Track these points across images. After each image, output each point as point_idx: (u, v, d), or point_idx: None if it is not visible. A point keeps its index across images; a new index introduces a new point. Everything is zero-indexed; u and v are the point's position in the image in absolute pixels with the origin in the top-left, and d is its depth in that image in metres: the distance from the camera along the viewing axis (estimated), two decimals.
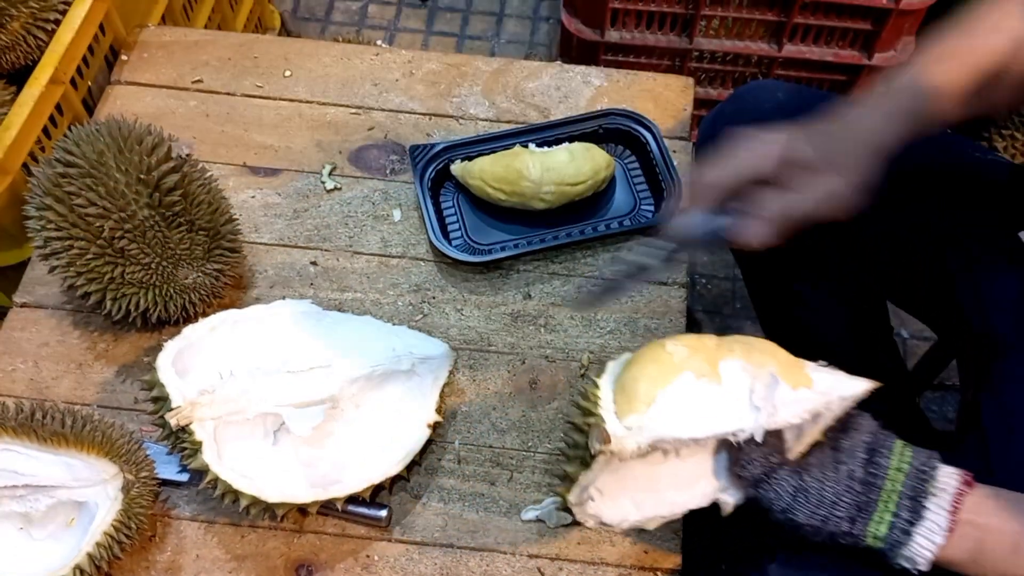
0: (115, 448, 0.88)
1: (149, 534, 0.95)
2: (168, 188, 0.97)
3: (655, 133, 1.17)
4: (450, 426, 1.01)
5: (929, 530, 0.73)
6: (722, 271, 1.68)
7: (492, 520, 0.96)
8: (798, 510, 0.76)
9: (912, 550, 0.73)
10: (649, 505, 0.82)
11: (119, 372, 1.04)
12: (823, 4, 1.49)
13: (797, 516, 0.76)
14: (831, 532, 0.75)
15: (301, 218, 1.15)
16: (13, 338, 1.07)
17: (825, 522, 0.75)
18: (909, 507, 0.74)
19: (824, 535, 0.76)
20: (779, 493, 0.76)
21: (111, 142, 0.96)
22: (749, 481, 0.77)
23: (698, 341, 0.79)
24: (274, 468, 0.90)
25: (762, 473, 0.76)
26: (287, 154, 1.20)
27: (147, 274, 0.96)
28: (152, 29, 1.31)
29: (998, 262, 0.97)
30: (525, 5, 2.07)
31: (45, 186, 0.96)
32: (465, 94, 1.26)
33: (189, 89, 1.25)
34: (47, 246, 0.97)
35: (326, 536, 0.95)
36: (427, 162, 1.14)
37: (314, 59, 1.29)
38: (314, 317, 1.00)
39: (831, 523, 0.75)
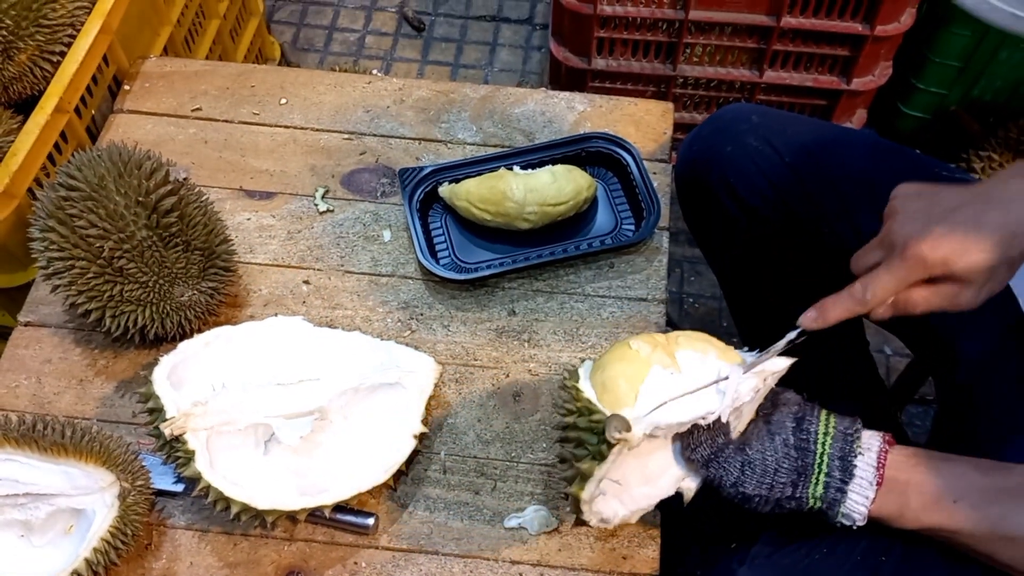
0: (112, 458, 0.92)
1: (145, 542, 0.98)
2: (165, 210, 1.01)
3: (635, 155, 1.21)
4: (436, 437, 1.05)
5: (860, 486, 0.79)
6: (709, 290, 1.72)
7: (476, 528, 0.99)
8: (746, 482, 0.81)
9: (848, 506, 0.80)
10: (628, 500, 0.87)
11: (118, 387, 1.08)
12: (802, 32, 1.54)
13: (747, 488, 0.81)
14: (777, 499, 0.81)
15: (295, 239, 1.20)
16: (17, 355, 1.11)
17: (771, 489, 0.81)
18: (840, 467, 0.80)
19: (772, 503, 0.82)
20: (728, 469, 0.82)
21: (111, 167, 1.01)
22: (700, 463, 0.83)
23: (651, 338, 0.86)
24: (264, 477, 0.93)
25: (710, 453, 0.83)
26: (282, 178, 1.25)
27: (145, 292, 1.01)
28: (154, 60, 1.37)
29: None
30: (517, 35, 2.13)
31: (48, 209, 1.01)
32: (453, 120, 1.31)
33: (188, 117, 1.31)
34: (50, 266, 1.01)
35: (315, 544, 0.98)
36: (416, 184, 1.18)
37: (309, 87, 1.34)
38: (305, 333, 1.04)
39: (776, 489, 0.81)
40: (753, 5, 1.50)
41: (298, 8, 2.19)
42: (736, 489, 0.83)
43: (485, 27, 2.14)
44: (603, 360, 0.85)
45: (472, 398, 1.08)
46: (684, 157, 1.19)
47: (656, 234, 1.19)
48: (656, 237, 1.20)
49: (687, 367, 0.84)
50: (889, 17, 1.49)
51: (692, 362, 0.84)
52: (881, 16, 1.48)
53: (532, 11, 2.17)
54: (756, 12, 1.51)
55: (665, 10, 1.52)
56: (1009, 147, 1.61)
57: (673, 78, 1.63)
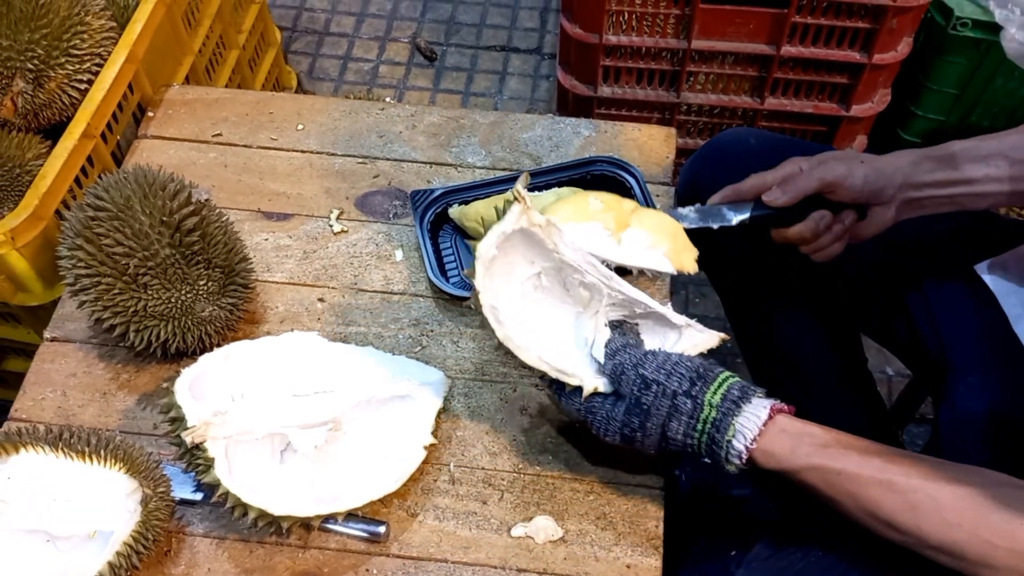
0: (135, 465, 0.95)
1: (164, 549, 1.02)
2: (188, 229, 1.06)
3: (638, 178, 1.26)
4: (445, 449, 1.08)
5: (755, 410, 0.84)
6: (713, 311, 1.75)
7: (484, 537, 1.03)
8: (647, 364, 0.88)
9: (740, 424, 0.83)
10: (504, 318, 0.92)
11: (140, 400, 1.12)
12: (802, 60, 1.59)
13: (646, 370, 0.88)
14: (674, 391, 0.86)
15: (310, 258, 1.24)
16: (43, 369, 1.15)
17: (669, 377, 0.86)
18: (739, 388, 0.86)
19: (668, 395, 0.86)
20: (631, 354, 0.90)
21: (137, 188, 1.06)
22: (610, 353, 0.91)
23: (617, 202, 0.95)
24: (280, 484, 0.97)
25: (620, 345, 0.92)
26: (298, 200, 1.30)
27: (167, 307, 1.05)
28: (176, 88, 1.43)
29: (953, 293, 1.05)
30: (526, 64, 2.19)
31: (76, 228, 1.06)
32: (463, 144, 1.35)
33: (209, 142, 1.36)
34: (77, 283, 1.06)
35: (328, 551, 1.02)
36: (427, 206, 1.23)
37: (325, 114, 1.39)
38: (320, 347, 1.08)
39: (674, 379, 0.87)
40: (754, 35, 1.55)
41: (314, 39, 2.26)
42: (636, 370, 0.88)
43: (495, 57, 2.21)
44: (560, 199, 0.96)
45: (480, 411, 1.11)
46: (684, 178, 1.23)
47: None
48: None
49: (628, 243, 0.91)
50: (886, 46, 1.54)
51: (636, 243, 0.91)
52: (879, 45, 1.52)
53: (541, 41, 2.23)
54: (757, 41, 1.56)
55: (669, 40, 1.57)
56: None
57: (677, 105, 1.68)
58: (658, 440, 0.89)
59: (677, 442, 0.88)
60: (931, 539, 0.78)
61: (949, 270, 1.09)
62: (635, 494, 1.05)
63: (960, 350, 1.02)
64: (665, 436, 0.88)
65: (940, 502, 0.78)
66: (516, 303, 0.94)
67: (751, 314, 1.32)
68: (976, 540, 0.76)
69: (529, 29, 2.26)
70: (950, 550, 0.77)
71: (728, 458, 0.86)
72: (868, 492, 0.80)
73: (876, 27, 1.49)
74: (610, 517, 1.04)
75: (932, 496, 0.78)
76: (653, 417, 0.88)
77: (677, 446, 0.89)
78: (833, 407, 1.24)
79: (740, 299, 1.31)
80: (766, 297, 1.25)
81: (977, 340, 1.02)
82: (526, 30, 2.26)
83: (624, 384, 0.89)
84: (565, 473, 1.07)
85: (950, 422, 0.98)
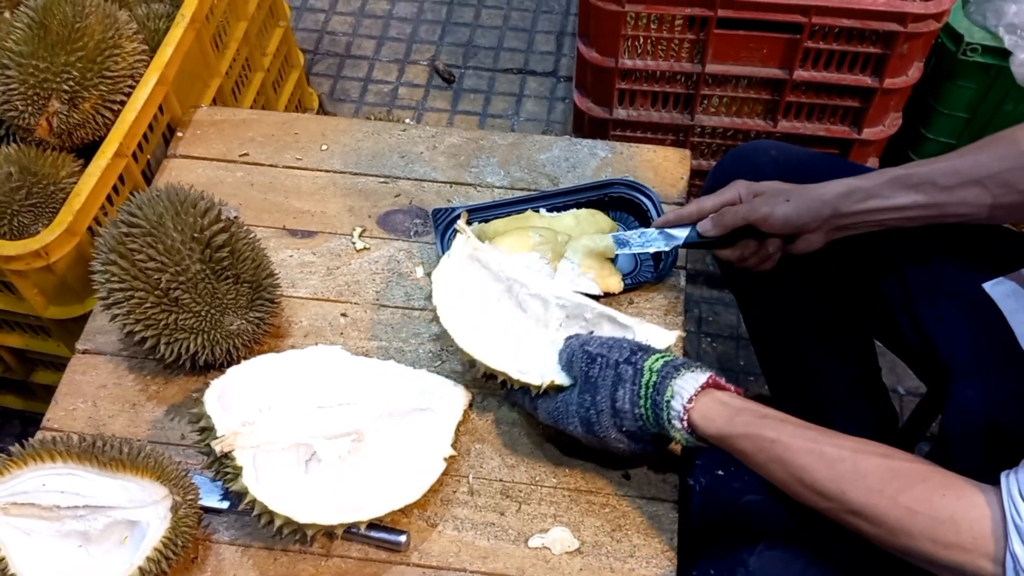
0: (166, 473, 0.99)
1: (192, 556, 1.05)
2: (218, 246, 1.10)
3: (654, 201, 1.29)
4: (464, 461, 1.11)
5: (693, 375, 0.92)
6: (726, 330, 1.78)
7: (502, 547, 1.05)
8: (591, 343, 1.01)
9: (679, 384, 0.91)
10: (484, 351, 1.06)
11: (168, 411, 1.16)
12: (814, 84, 1.62)
13: (591, 347, 1.00)
14: (616, 360, 0.97)
15: (333, 275, 1.28)
16: (75, 381, 1.19)
17: (610, 350, 0.99)
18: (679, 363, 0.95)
19: (612, 365, 0.97)
20: (578, 337, 1.03)
21: (169, 206, 1.10)
22: (564, 344, 1.04)
23: (553, 235, 1.16)
24: (305, 493, 1.00)
25: (572, 336, 1.05)
26: (322, 218, 1.33)
27: (197, 321, 1.09)
28: (204, 109, 1.47)
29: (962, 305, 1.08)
30: (543, 87, 2.23)
31: (110, 244, 1.10)
32: (483, 165, 1.39)
33: (236, 161, 1.40)
34: (110, 296, 1.10)
35: (350, 559, 1.04)
36: (447, 224, 1.26)
37: (348, 134, 1.43)
38: (343, 361, 1.11)
39: (615, 351, 0.98)
40: (767, 59, 1.58)
41: (336, 61, 2.31)
42: (583, 349, 1.00)
43: (512, 79, 2.25)
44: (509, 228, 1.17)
45: (498, 425, 1.14)
46: (708, 184, 1.28)
47: (674, 273, 1.26)
48: (674, 276, 1.26)
49: (562, 271, 1.15)
50: (897, 71, 1.57)
51: (569, 271, 1.15)
52: (889, 70, 1.55)
53: (557, 64, 2.27)
54: (769, 66, 1.59)
55: (683, 64, 1.61)
56: None
57: (691, 127, 1.71)
58: (610, 416, 0.96)
59: (626, 413, 0.95)
60: (853, 504, 0.82)
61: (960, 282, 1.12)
62: (649, 506, 1.07)
63: (964, 356, 1.05)
64: (615, 409, 0.95)
65: (865, 471, 0.83)
66: (477, 320, 1.08)
67: (770, 322, 1.35)
68: (896, 507, 0.80)
69: (545, 52, 2.30)
70: (870, 515, 0.81)
71: (671, 421, 0.92)
72: (798, 459, 0.85)
73: (887, 52, 1.52)
74: (625, 529, 1.06)
75: (858, 465, 0.83)
76: (601, 389, 0.96)
77: (628, 420, 0.96)
78: (848, 415, 1.27)
79: (760, 307, 1.35)
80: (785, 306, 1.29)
81: (981, 348, 1.05)
82: (542, 53, 2.30)
83: (575, 364, 1.00)
84: (581, 486, 1.09)
85: (952, 426, 1.01)
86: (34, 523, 0.98)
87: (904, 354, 1.24)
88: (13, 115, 1.30)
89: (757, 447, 0.88)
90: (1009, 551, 0.75)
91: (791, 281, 1.26)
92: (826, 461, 0.84)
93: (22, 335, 1.46)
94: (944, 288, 1.13)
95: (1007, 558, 0.75)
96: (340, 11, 2.41)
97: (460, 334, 1.06)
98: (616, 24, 1.54)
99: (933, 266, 1.14)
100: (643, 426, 0.96)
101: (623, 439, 0.98)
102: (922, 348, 1.15)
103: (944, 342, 1.11)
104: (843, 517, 0.84)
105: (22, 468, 0.98)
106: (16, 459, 0.98)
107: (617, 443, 0.99)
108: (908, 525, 0.79)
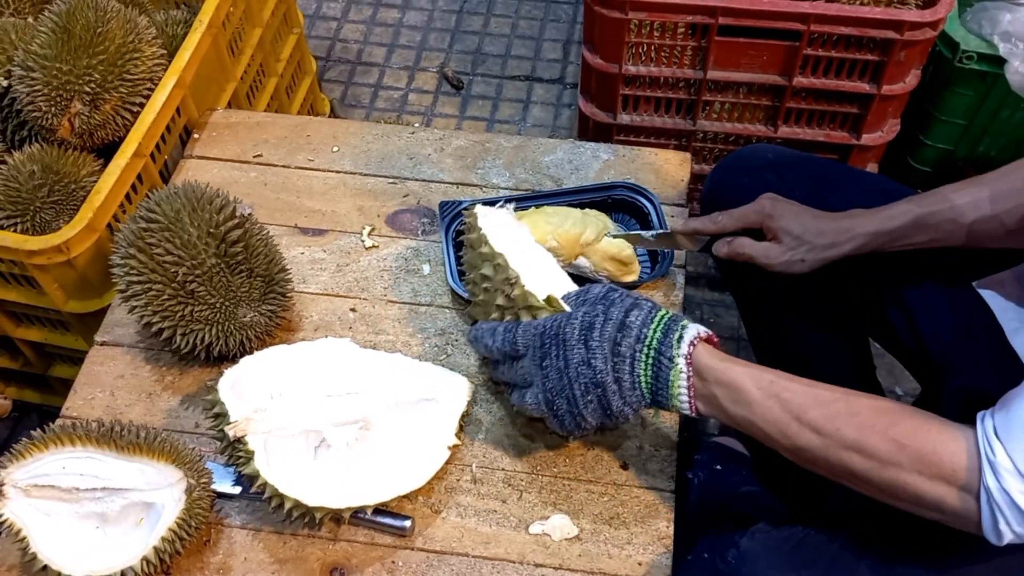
0: (181, 457, 1.03)
1: (204, 539, 1.09)
2: (232, 241, 1.14)
3: (655, 202, 1.33)
4: (468, 450, 1.15)
5: (696, 326, 0.96)
6: (727, 331, 1.81)
7: (503, 533, 1.09)
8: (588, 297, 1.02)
9: (692, 326, 0.95)
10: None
11: (183, 401, 1.20)
12: (813, 91, 1.65)
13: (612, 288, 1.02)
14: (636, 298, 0.99)
15: (343, 271, 1.32)
16: (93, 371, 1.23)
17: (610, 307, 0.98)
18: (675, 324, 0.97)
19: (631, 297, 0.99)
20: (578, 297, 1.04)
21: (186, 202, 1.15)
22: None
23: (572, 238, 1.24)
24: (314, 478, 1.04)
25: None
26: (333, 217, 1.38)
27: (212, 312, 1.13)
28: (220, 112, 1.52)
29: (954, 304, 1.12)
30: (549, 93, 2.28)
31: (129, 238, 1.14)
32: (488, 167, 1.43)
33: (250, 162, 1.45)
34: (129, 289, 1.14)
35: (357, 544, 1.08)
36: (453, 216, 1.31)
37: (358, 137, 1.48)
38: (352, 352, 1.15)
39: (616, 307, 0.98)
40: (767, 66, 1.62)
41: (347, 68, 2.36)
42: (603, 287, 1.02)
43: (519, 86, 2.29)
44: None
45: (502, 416, 1.18)
46: (707, 187, 1.32)
47: (673, 272, 1.30)
48: (673, 275, 1.30)
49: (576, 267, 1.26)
50: (895, 78, 1.60)
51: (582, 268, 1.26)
52: (887, 77, 1.59)
53: (563, 71, 2.32)
54: (770, 72, 1.63)
55: (685, 70, 1.65)
56: None
57: (693, 133, 1.75)
58: (615, 328, 0.96)
59: (632, 329, 0.95)
60: (848, 438, 0.87)
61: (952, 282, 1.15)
62: (647, 496, 1.11)
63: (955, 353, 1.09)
64: (624, 322, 0.96)
65: (857, 408, 0.89)
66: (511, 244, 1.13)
67: (765, 319, 1.38)
68: (887, 440, 0.85)
69: (552, 60, 2.35)
70: (863, 448, 0.86)
71: (679, 343, 0.94)
72: (796, 398, 0.90)
73: (885, 59, 1.55)
74: (623, 517, 1.09)
75: (851, 404, 0.89)
76: (617, 304, 0.98)
77: (631, 337, 0.95)
78: None
79: (757, 307, 1.38)
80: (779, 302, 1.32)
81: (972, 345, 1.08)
82: (549, 61, 2.35)
83: (591, 290, 1.02)
84: (580, 475, 1.13)
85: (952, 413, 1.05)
86: (54, 504, 1.02)
87: (899, 352, 1.28)
88: (37, 115, 1.35)
89: (755, 383, 0.91)
90: (983, 485, 0.80)
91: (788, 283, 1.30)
92: (822, 401, 0.89)
93: (41, 329, 1.50)
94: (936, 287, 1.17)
95: (981, 491, 0.81)
96: (352, 19, 2.47)
97: (490, 233, 1.10)
98: (620, 31, 1.59)
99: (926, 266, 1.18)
100: (638, 354, 0.95)
101: (604, 369, 0.95)
102: (916, 346, 1.18)
103: (935, 340, 1.15)
104: (835, 454, 0.88)
105: (43, 452, 1.02)
106: (38, 443, 1.02)
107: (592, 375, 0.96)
108: (897, 456, 0.84)
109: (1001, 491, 0.80)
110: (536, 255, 1.14)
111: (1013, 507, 0.80)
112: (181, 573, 1.06)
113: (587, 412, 0.98)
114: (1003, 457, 0.80)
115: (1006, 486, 0.80)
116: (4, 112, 1.45)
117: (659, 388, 0.95)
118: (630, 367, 0.95)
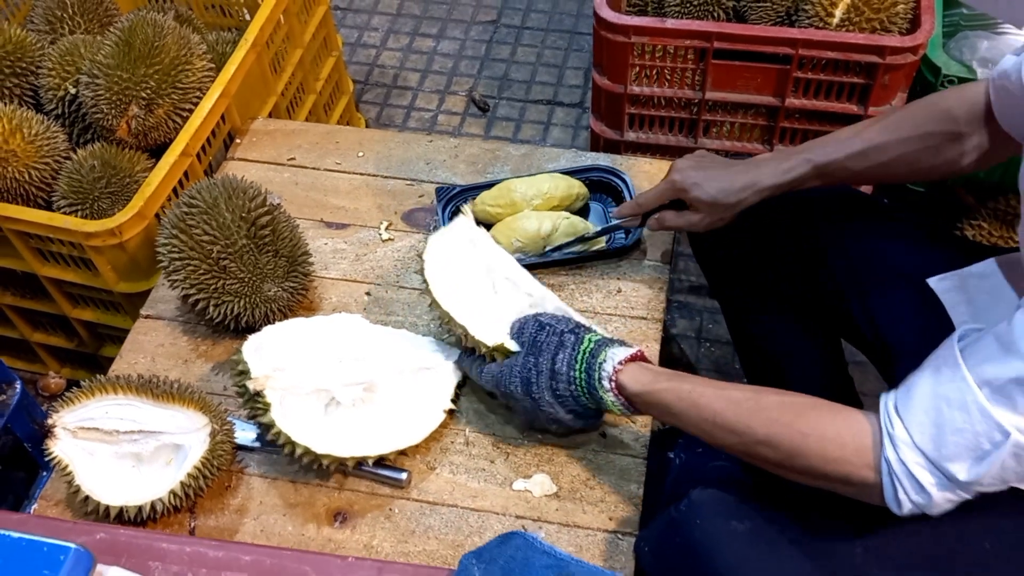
0: (208, 406, 1.18)
1: (226, 484, 1.23)
2: (262, 224, 1.30)
3: (627, 182, 1.48)
4: (463, 417, 1.28)
5: (625, 348, 1.10)
6: (724, 336, 1.92)
7: (490, 489, 1.21)
8: (543, 316, 1.16)
9: (613, 351, 1.07)
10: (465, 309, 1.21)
11: (214, 367, 1.35)
12: (805, 111, 1.78)
13: (543, 318, 1.16)
14: (562, 330, 1.13)
15: (361, 260, 1.47)
16: (137, 340, 1.39)
17: (559, 321, 1.14)
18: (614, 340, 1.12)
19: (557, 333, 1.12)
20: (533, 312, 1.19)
21: (223, 191, 1.31)
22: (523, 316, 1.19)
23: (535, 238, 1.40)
24: (323, 429, 1.18)
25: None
26: (354, 213, 1.53)
27: (241, 286, 1.28)
28: (261, 120, 1.69)
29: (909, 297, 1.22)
30: (569, 116, 2.43)
31: (173, 221, 1.30)
32: (498, 171, 1.58)
33: (285, 164, 1.61)
34: (171, 265, 1.30)
35: (359, 493, 1.21)
36: (448, 199, 1.48)
37: (382, 144, 1.64)
38: (363, 326, 1.29)
39: (562, 323, 1.14)
40: (761, 87, 1.74)
41: (383, 91, 2.54)
42: (535, 319, 1.15)
43: (541, 109, 2.45)
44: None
45: None
46: None
47: (660, 267, 1.43)
48: (660, 270, 1.43)
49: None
50: (881, 100, 1.72)
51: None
52: (873, 99, 1.70)
53: (583, 97, 2.47)
54: (764, 93, 1.75)
55: (686, 91, 1.78)
56: (998, 218, 1.78)
57: (695, 150, 1.88)
58: (548, 378, 1.11)
59: (562, 376, 1.10)
60: (759, 434, 0.96)
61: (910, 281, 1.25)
62: (621, 460, 1.22)
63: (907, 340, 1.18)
64: (553, 371, 1.10)
65: (765, 405, 0.98)
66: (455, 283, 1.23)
67: (745, 323, 1.49)
68: (791, 432, 0.94)
69: (573, 86, 2.50)
70: (771, 442, 0.96)
71: (601, 381, 1.07)
72: (712, 404, 1.01)
73: (870, 82, 1.67)
74: (599, 479, 1.21)
75: (759, 402, 0.99)
76: (544, 352, 1.11)
77: (563, 383, 1.11)
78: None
79: (735, 308, 1.49)
80: (755, 300, 1.43)
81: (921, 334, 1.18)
82: (571, 87, 2.50)
83: (525, 331, 1.15)
84: (563, 443, 1.25)
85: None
86: (97, 445, 1.17)
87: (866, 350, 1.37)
88: (99, 117, 1.53)
89: (676, 396, 1.03)
90: (884, 457, 0.87)
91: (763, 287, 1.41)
92: (733, 402, 1.00)
93: (95, 310, 1.67)
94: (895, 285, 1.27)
95: (882, 464, 0.88)
96: (390, 47, 2.65)
97: (437, 288, 1.20)
98: (624, 54, 1.73)
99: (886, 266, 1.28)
100: (575, 391, 1.11)
101: (555, 404, 1.12)
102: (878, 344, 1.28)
103: (894, 334, 1.24)
104: (751, 449, 0.98)
105: (90, 398, 1.17)
106: (85, 391, 1.18)
107: (549, 407, 1.13)
108: (801, 446, 0.93)
109: (899, 462, 0.86)
110: (496, 268, 1.25)
111: (910, 477, 0.86)
112: (205, 512, 1.20)
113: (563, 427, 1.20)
114: (901, 431, 0.86)
115: (903, 457, 0.86)
116: (72, 116, 1.64)
117: (606, 410, 1.13)
118: (575, 402, 1.13)
